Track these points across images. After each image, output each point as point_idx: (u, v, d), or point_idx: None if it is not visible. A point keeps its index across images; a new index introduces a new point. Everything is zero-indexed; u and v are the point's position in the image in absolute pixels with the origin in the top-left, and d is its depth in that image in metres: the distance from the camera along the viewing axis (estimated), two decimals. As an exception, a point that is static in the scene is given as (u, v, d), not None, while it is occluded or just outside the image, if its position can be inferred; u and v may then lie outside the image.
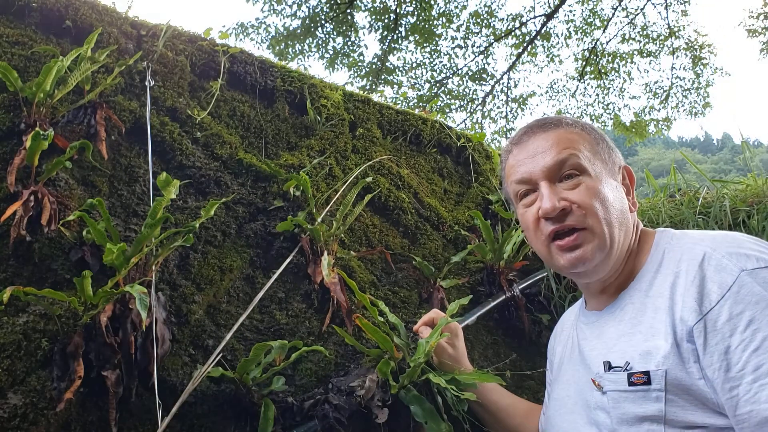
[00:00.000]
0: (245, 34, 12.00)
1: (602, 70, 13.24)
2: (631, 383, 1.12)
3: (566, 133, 1.28)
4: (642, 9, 12.31)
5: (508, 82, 13.55)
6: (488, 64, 13.92)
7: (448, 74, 13.39)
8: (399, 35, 12.58)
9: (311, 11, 11.84)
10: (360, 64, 12.84)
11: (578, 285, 1.42)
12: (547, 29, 12.80)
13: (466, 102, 13.57)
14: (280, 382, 1.44)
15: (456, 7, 12.61)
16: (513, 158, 1.33)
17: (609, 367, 1.18)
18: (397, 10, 12.11)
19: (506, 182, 1.37)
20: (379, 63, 12.85)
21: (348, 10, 11.85)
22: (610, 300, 1.29)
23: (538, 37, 12.78)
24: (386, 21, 12.25)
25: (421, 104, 12.93)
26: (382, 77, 12.98)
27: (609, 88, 13.67)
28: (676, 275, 1.13)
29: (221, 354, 1.46)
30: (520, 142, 1.32)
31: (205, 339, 1.50)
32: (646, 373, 1.09)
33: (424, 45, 12.89)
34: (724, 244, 1.11)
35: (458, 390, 1.45)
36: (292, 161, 2.03)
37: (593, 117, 13.95)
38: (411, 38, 12.71)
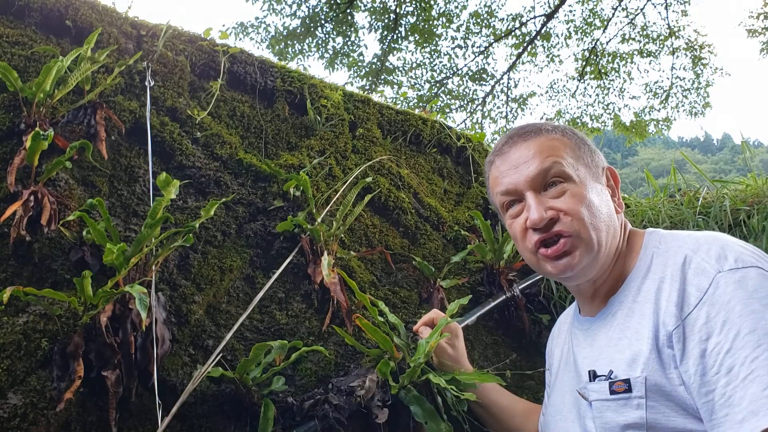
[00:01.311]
0: (245, 33, 12.00)
1: (602, 70, 13.23)
2: (612, 392, 1.12)
3: (547, 140, 1.27)
4: (642, 9, 12.31)
5: (508, 82, 13.55)
6: (488, 64, 13.93)
7: (448, 74, 13.39)
8: (399, 35, 12.58)
9: (311, 11, 11.84)
10: (360, 64, 12.84)
11: (569, 289, 1.42)
12: (547, 29, 12.80)
13: (466, 102, 13.57)
14: (280, 382, 1.44)
15: (456, 7, 12.61)
16: (496, 170, 1.32)
17: (594, 376, 1.18)
18: (397, 10, 12.11)
19: (491, 193, 1.37)
20: (379, 63, 12.85)
21: (348, 10, 11.85)
22: (601, 306, 1.29)
23: (538, 37, 12.78)
24: (386, 21, 12.25)
25: (421, 104, 12.93)
26: (382, 77, 12.97)
27: (609, 88, 13.67)
28: (661, 280, 1.13)
29: (221, 354, 1.46)
30: (502, 153, 1.31)
31: (205, 339, 1.50)
32: (627, 381, 1.10)
33: (424, 45, 12.89)
34: (706, 246, 1.10)
35: (458, 390, 1.45)
36: (292, 161, 2.03)
37: (593, 117, 13.95)
38: (411, 38, 12.71)
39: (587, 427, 1.20)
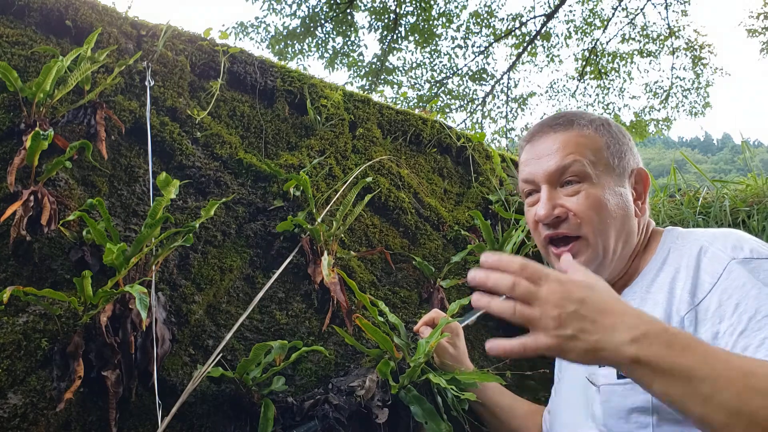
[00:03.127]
0: (245, 33, 12.00)
1: (602, 70, 13.24)
2: (620, 376, 1.13)
3: (576, 135, 1.27)
4: (642, 9, 12.31)
5: (508, 82, 13.55)
6: (488, 64, 13.95)
7: (448, 74, 13.39)
8: (399, 35, 12.58)
9: (311, 11, 11.84)
10: (360, 64, 12.85)
11: None
12: (547, 29, 12.80)
13: (466, 102, 13.57)
14: (280, 382, 1.44)
15: (456, 7, 12.61)
16: (524, 155, 1.36)
17: None
18: (397, 10, 12.11)
19: (518, 176, 1.40)
20: (378, 63, 12.85)
21: (348, 10, 11.85)
22: None
23: (538, 37, 12.78)
24: (386, 21, 12.25)
25: (421, 104, 12.94)
26: (382, 77, 12.97)
27: (609, 88, 13.68)
28: (676, 270, 1.14)
29: (221, 354, 1.46)
30: (532, 140, 1.34)
31: (205, 339, 1.50)
32: None
33: (424, 45, 12.89)
34: (722, 238, 1.12)
35: (458, 390, 1.45)
36: (292, 161, 2.03)
37: (593, 117, 13.94)
38: (411, 38, 12.71)
39: (594, 413, 1.21)
